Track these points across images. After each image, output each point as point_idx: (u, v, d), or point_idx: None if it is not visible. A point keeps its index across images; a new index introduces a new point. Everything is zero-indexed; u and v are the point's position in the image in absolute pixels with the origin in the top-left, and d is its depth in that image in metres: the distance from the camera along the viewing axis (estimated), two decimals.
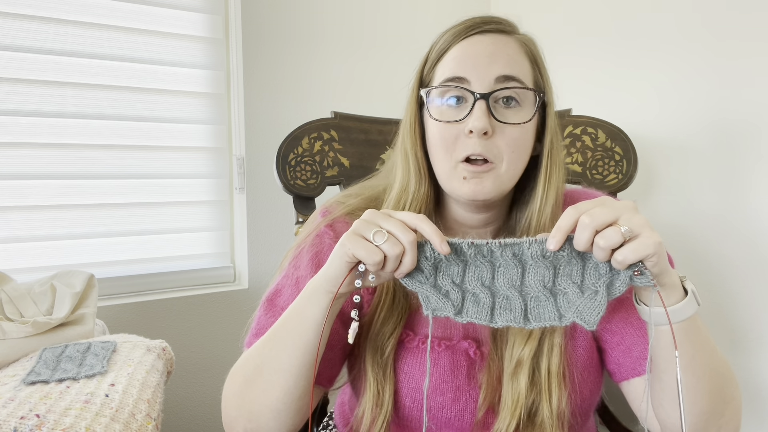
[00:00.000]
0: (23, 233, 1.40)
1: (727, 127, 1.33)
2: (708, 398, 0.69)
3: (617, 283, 0.63)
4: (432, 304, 0.67)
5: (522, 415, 0.76)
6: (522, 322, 0.65)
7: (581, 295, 0.64)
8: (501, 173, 0.79)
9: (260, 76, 1.61)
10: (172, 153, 1.57)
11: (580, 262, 0.65)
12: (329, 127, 1.27)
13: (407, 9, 1.83)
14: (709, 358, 0.69)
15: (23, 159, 1.38)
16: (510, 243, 0.66)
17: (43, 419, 0.78)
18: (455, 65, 0.80)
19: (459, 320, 0.66)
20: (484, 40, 0.80)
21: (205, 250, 1.64)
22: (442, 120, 0.80)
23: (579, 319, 0.63)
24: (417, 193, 0.84)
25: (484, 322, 0.66)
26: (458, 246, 0.67)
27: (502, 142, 0.78)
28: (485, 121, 0.76)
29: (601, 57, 1.60)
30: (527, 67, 0.81)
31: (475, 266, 0.67)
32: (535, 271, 0.66)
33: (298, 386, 0.75)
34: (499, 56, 0.79)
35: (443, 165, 0.81)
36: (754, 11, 1.27)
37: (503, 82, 0.78)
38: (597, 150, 1.29)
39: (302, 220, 1.23)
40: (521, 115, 0.79)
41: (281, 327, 0.75)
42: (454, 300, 0.67)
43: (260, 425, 0.76)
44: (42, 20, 1.39)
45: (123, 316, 1.45)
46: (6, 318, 1.11)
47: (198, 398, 1.58)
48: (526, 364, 0.77)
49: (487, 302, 0.66)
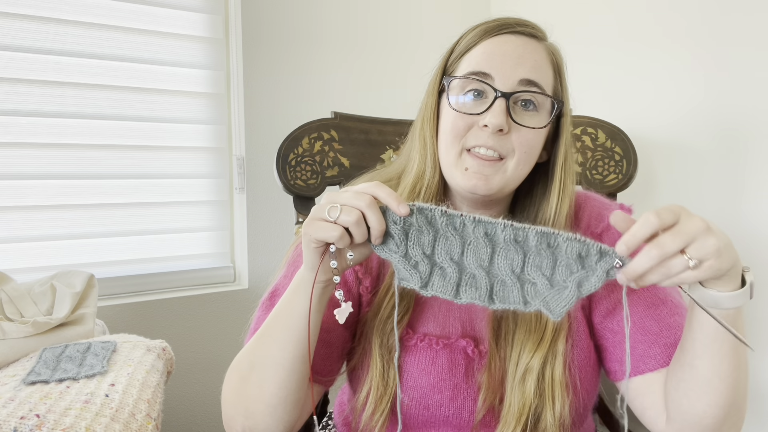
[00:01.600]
0: (23, 233, 1.40)
1: (727, 127, 1.33)
2: (734, 391, 0.69)
3: (591, 281, 0.62)
4: (400, 273, 0.67)
5: (529, 422, 0.76)
6: (486, 301, 0.65)
7: (550, 288, 0.64)
8: (509, 170, 0.79)
9: (260, 76, 1.61)
10: (172, 153, 1.57)
11: (551, 256, 0.64)
12: (329, 127, 1.27)
13: (407, 9, 1.83)
14: (742, 351, 0.69)
15: (23, 159, 1.38)
16: (485, 221, 0.66)
17: (43, 419, 0.78)
18: (482, 60, 0.80)
19: (424, 293, 0.66)
20: (514, 40, 0.81)
21: (205, 250, 1.64)
22: (459, 111, 0.80)
23: (545, 308, 0.63)
24: (432, 181, 0.84)
25: (449, 296, 0.66)
26: (430, 212, 0.66)
27: (516, 141, 0.78)
28: (502, 119, 0.76)
29: (601, 57, 1.60)
30: (550, 75, 0.82)
31: (445, 238, 0.67)
32: (504, 255, 0.66)
33: (291, 379, 0.75)
34: (526, 59, 0.79)
35: (448, 153, 0.81)
36: (755, 12, 1.27)
37: (526, 85, 0.78)
38: (597, 150, 1.29)
39: (302, 220, 1.23)
40: (537, 120, 0.79)
41: (272, 322, 0.76)
42: (422, 272, 0.66)
43: (257, 422, 0.77)
44: (42, 20, 1.39)
45: (123, 316, 1.45)
46: (6, 318, 1.11)
47: (198, 398, 1.58)
48: (534, 372, 0.77)
49: (454, 277, 0.66)
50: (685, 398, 0.71)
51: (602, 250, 0.61)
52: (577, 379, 0.80)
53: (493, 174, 0.78)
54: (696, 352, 0.68)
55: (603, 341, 0.84)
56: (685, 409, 0.71)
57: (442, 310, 0.85)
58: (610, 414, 1.11)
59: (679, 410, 0.72)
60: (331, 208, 0.65)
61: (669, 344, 0.78)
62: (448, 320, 0.84)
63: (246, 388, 0.77)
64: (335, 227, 0.65)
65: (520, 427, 0.76)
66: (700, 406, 0.69)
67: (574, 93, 0.87)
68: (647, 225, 0.58)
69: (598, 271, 0.61)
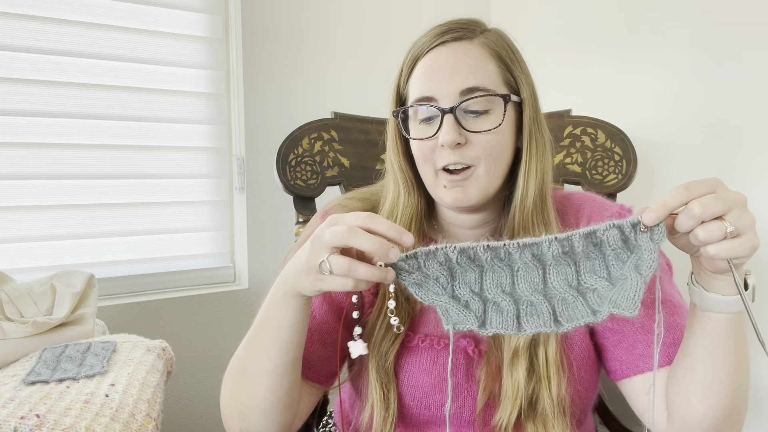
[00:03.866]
0: (23, 233, 1.40)
1: (727, 127, 1.33)
2: (736, 395, 0.69)
3: (645, 258, 0.58)
4: (453, 317, 0.62)
5: (523, 404, 0.76)
6: (553, 326, 0.60)
7: (612, 287, 0.60)
8: (480, 176, 0.80)
9: (260, 76, 1.61)
10: (172, 153, 1.57)
11: (600, 255, 0.61)
12: (329, 127, 1.27)
13: (407, 9, 1.83)
14: (744, 354, 0.69)
15: (23, 159, 1.38)
16: (529, 243, 0.61)
17: (43, 419, 0.78)
18: (422, 84, 0.81)
19: (483, 333, 0.61)
20: (445, 51, 0.81)
21: (205, 250, 1.64)
22: (417, 138, 0.81)
23: (616, 310, 0.58)
24: (407, 203, 0.86)
25: (512, 331, 0.61)
26: (472, 250, 0.62)
27: (478, 148, 0.79)
28: (453, 134, 0.77)
29: (601, 57, 1.60)
30: (492, 70, 0.81)
31: (493, 271, 0.63)
32: (557, 271, 0.62)
33: (283, 384, 0.76)
34: (460, 68, 0.79)
35: (426, 175, 0.83)
36: (754, 12, 1.27)
37: (467, 94, 0.78)
38: (597, 150, 1.29)
39: (302, 220, 1.23)
40: (491, 121, 0.79)
41: (260, 331, 0.76)
42: (476, 311, 0.62)
43: (252, 424, 0.78)
44: (42, 20, 1.39)
45: (123, 316, 1.45)
46: (6, 318, 1.11)
47: (198, 398, 1.58)
48: (523, 354, 0.77)
49: (511, 310, 0.62)
50: (685, 401, 0.71)
51: (632, 222, 0.59)
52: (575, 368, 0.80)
53: (468, 184, 0.80)
54: (697, 356, 0.68)
55: (603, 341, 0.84)
56: (685, 411, 0.71)
57: None
58: (611, 414, 1.11)
59: (680, 412, 0.72)
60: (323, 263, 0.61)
61: (669, 344, 0.78)
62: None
63: (239, 393, 0.78)
64: (345, 282, 0.61)
65: (516, 409, 0.76)
66: (701, 409, 0.69)
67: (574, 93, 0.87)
68: (677, 196, 0.58)
69: (643, 245, 0.58)
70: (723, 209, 0.57)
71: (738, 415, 0.71)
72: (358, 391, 0.87)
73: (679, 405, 0.72)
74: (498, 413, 0.78)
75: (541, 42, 1.75)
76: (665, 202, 0.58)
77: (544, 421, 0.78)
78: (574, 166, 1.30)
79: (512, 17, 1.87)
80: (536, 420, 0.78)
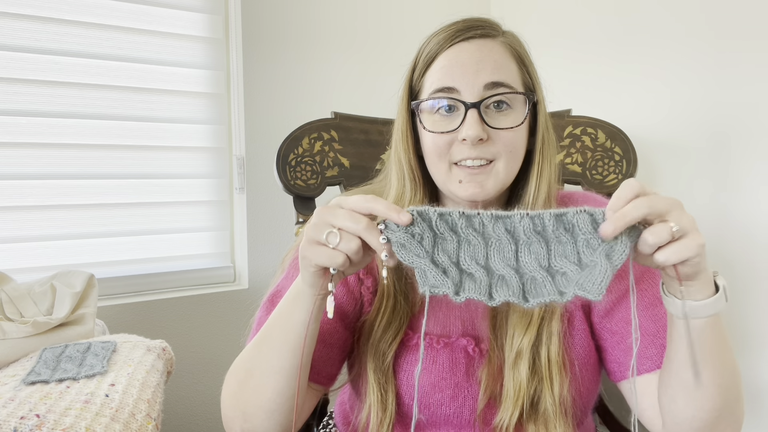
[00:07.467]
0: (23, 233, 1.40)
1: (726, 127, 1.33)
2: (724, 396, 0.69)
3: (617, 248, 0.59)
4: (430, 280, 0.63)
5: (525, 404, 0.76)
6: (521, 300, 0.62)
7: (581, 272, 0.61)
8: (500, 172, 0.80)
9: (260, 76, 1.61)
10: (172, 153, 1.57)
11: (571, 240, 0.63)
12: (329, 127, 1.27)
13: (407, 9, 1.83)
14: (727, 354, 0.69)
15: (23, 159, 1.38)
16: (501, 215, 0.64)
17: (43, 419, 0.78)
18: (443, 75, 0.80)
19: (456, 300, 0.62)
20: (469, 47, 0.81)
21: (205, 250, 1.64)
22: (435, 131, 0.80)
23: (582, 292, 0.59)
24: (413, 200, 0.85)
25: (483, 298, 0.62)
26: (449, 215, 0.64)
27: (499, 144, 0.79)
28: (478, 129, 0.77)
29: (601, 57, 1.60)
30: (514, 69, 0.81)
31: (468, 243, 0.65)
32: (529, 250, 0.64)
33: (290, 386, 0.75)
34: (486, 63, 0.79)
35: (438, 170, 0.82)
36: (753, 12, 1.27)
37: (492, 88, 0.78)
38: (597, 150, 1.29)
39: (302, 220, 1.23)
40: (513, 118, 0.79)
41: (270, 331, 0.76)
42: (453, 278, 0.63)
43: (255, 425, 0.77)
44: (42, 20, 1.39)
45: (123, 316, 1.45)
46: (6, 318, 1.11)
47: (198, 398, 1.58)
48: (526, 354, 0.77)
49: (484, 281, 0.64)
50: (673, 404, 0.72)
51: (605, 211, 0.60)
52: (576, 367, 0.80)
53: (486, 179, 0.79)
54: (679, 362, 0.68)
55: (602, 342, 0.84)
56: (675, 413, 0.72)
57: (443, 309, 0.85)
58: (611, 414, 1.11)
59: (670, 414, 0.73)
60: (330, 234, 0.64)
61: (662, 346, 0.78)
62: (448, 319, 0.84)
63: (244, 394, 0.77)
64: (337, 254, 0.64)
65: (518, 409, 0.76)
66: (689, 411, 0.69)
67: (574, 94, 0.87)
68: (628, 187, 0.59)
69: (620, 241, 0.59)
70: (666, 208, 0.58)
71: (731, 415, 0.71)
72: (358, 392, 0.87)
73: (669, 408, 0.73)
74: (499, 414, 0.78)
75: (540, 42, 1.74)
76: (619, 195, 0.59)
77: (545, 422, 0.78)
78: (574, 166, 1.30)
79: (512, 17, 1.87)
80: (537, 420, 0.78)
